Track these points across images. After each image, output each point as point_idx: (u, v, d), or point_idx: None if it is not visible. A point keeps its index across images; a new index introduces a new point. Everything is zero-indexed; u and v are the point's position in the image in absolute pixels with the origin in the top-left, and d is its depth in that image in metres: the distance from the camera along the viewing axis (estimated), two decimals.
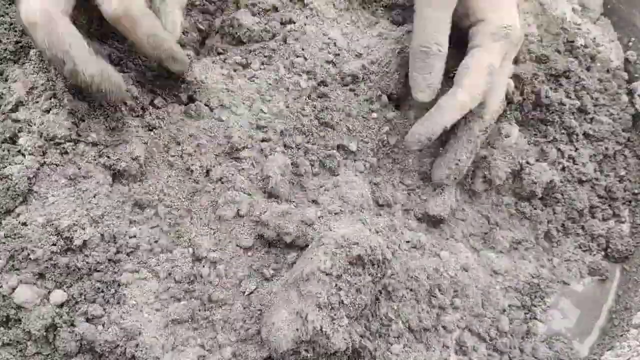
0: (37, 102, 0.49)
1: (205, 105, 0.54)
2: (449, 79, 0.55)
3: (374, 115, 0.56)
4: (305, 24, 0.57)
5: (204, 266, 0.49)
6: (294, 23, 0.58)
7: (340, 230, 0.47)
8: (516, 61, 0.62)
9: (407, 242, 0.54)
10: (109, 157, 0.50)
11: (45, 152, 0.48)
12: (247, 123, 0.53)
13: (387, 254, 0.46)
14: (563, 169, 0.62)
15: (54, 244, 0.46)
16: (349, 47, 0.58)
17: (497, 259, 0.59)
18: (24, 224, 0.46)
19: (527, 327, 0.56)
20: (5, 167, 0.47)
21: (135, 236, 0.49)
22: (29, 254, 0.45)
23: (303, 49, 0.56)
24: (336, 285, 0.43)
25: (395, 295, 0.49)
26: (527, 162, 0.60)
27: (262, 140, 0.53)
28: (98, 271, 0.47)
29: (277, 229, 0.49)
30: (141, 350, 0.45)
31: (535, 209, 0.61)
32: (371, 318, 0.48)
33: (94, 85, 0.44)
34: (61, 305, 0.46)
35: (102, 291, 0.47)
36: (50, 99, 0.49)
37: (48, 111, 0.49)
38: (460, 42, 0.56)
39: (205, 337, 0.48)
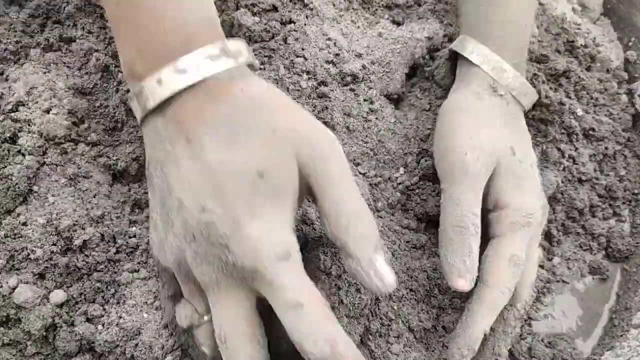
0: (37, 102, 0.49)
1: None
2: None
3: (374, 115, 0.56)
4: (305, 24, 0.57)
5: None
6: (294, 23, 0.58)
7: None
8: None
9: (407, 242, 0.54)
10: (109, 157, 0.50)
11: (45, 152, 0.48)
12: None
13: (386, 253, 0.46)
14: (563, 168, 0.62)
15: (54, 244, 0.46)
16: (349, 47, 0.58)
17: None
18: (24, 224, 0.46)
19: (527, 327, 0.56)
20: (5, 167, 0.47)
21: (135, 236, 0.49)
22: (29, 254, 0.45)
23: (303, 49, 0.56)
24: (335, 284, 0.43)
25: (395, 295, 0.49)
26: None
27: None
28: (98, 271, 0.47)
29: None
30: (140, 350, 0.45)
31: None
32: (371, 317, 0.48)
33: None
34: (61, 305, 0.46)
35: (102, 291, 0.47)
36: (50, 99, 0.49)
37: (48, 111, 0.49)
38: None
39: None
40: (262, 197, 0.36)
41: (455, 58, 0.58)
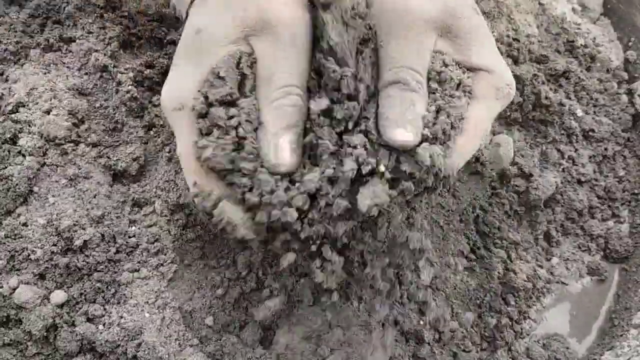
0: (37, 103, 0.49)
1: None
2: None
3: None
4: None
5: None
6: None
7: None
8: (516, 61, 0.63)
9: None
10: (109, 157, 0.50)
11: (46, 153, 0.49)
12: None
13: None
14: (563, 169, 0.62)
15: (54, 244, 0.46)
16: None
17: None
18: (25, 224, 0.46)
19: (523, 327, 0.56)
20: (6, 167, 0.47)
21: (134, 236, 0.49)
22: (29, 255, 0.45)
23: None
24: None
25: None
26: (531, 174, 0.60)
27: None
28: (98, 271, 0.47)
29: None
30: (143, 350, 0.45)
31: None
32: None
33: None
34: (61, 306, 0.46)
35: (103, 291, 0.47)
36: (51, 99, 0.50)
37: (48, 112, 0.49)
38: None
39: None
40: (191, 49, 0.40)
41: None
